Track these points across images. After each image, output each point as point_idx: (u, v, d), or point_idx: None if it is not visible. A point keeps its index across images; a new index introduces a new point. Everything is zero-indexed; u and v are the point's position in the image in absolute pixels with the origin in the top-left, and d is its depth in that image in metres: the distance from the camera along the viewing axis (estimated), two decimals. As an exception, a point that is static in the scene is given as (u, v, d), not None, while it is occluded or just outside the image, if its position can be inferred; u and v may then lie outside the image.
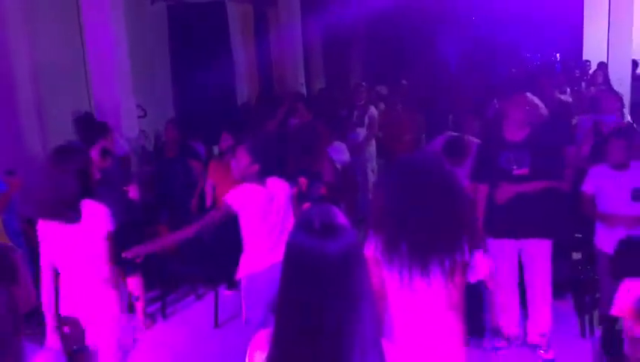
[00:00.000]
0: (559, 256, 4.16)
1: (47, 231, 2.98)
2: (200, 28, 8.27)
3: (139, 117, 6.31)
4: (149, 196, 5.59)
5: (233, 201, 3.54)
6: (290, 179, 3.99)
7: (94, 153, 4.56)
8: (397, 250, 2.38)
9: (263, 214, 3.57)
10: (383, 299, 2.49)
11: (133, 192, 4.63)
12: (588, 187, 4.17)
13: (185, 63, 8.12)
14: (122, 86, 5.98)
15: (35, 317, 3.35)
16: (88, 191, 2.98)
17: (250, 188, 3.59)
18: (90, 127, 4.77)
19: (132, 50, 6.21)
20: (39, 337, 3.05)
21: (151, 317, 4.90)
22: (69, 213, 2.90)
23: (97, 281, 3.03)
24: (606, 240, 4.08)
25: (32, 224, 4.08)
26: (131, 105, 6.12)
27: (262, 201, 3.58)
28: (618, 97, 5.51)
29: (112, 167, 4.60)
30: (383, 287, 2.48)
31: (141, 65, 6.64)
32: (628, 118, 5.98)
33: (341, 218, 1.50)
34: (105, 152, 4.40)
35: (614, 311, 3.32)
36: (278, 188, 3.67)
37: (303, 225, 1.48)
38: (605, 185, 4.09)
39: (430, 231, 2.37)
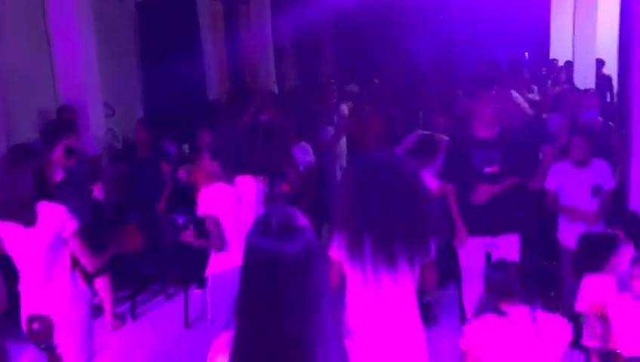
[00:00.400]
0: (525, 253, 4.23)
1: (5, 231, 2.93)
2: (169, 25, 8.17)
3: (107, 115, 6.21)
4: (117, 196, 5.52)
5: (204, 209, 3.53)
6: (258, 174, 4.00)
7: (58, 152, 4.47)
8: (361, 248, 2.40)
9: (232, 213, 3.56)
10: (344, 297, 2.52)
11: (97, 191, 4.57)
12: (550, 184, 4.28)
13: (154, 61, 8.01)
14: (89, 84, 5.89)
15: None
16: (46, 193, 2.92)
17: (217, 188, 3.58)
18: (54, 125, 4.68)
19: (100, 47, 6.11)
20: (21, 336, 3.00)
21: (120, 318, 4.85)
22: (24, 214, 2.84)
23: (60, 282, 2.99)
24: (568, 235, 4.17)
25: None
26: (99, 104, 6.02)
27: (229, 201, 3.56)
28: (593, 94, 5.64)
29: (77, 166, 4.53)
30: (344, 286, 2.50)
31: (109, 62, 6.53)
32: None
33: (299, 218, 1.50)
34: (69, 151, 4.31)
35: (578, 306, 3.40)
36: (248, 186, 3.65)
37: (260, 226, 1.48)
38: (567, 182, 4.20)
39: (396, 228, 2.39)
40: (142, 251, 5.13)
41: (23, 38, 5.86)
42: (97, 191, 4.61)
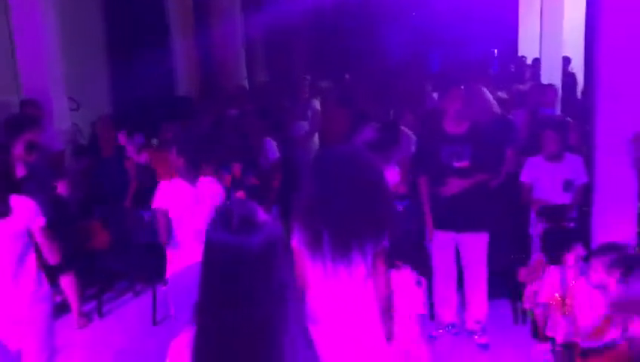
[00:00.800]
0: (494, 246, 4.29)
1: None
2: (137, 18, 8.05)
3: (71, 109, 6.08)
4: (81, 192, 5.41)
5: (158, 202, 3.54)
6: (224, 165, 3.96)
7: (19, 147, 4.36)
8: (320, 241, 2.43)
9: (187, 212, 3.53)
10: (306, 288, 2.54)
11: (61, 187, 4.47)
12: (525, 177, 4.33)
13: (122, 55, 7.88)
14: (53, 78, 5.75)
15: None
16: (12, 187, 2.89)
17: (175, 185, 3.56)
18: (16, 119, 4.56)
19: (65, 40, 5.97)
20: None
21: (87, 316, 4.75)
22: None
23: (27, 280, 2.93)
24: (540, 229, 4.21)
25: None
26: (63, 98, 5.88)
27: (187, 199, 3.53)
28: (553, 90, 5.74)
29: (40, 162, 4.42)
30: (305, 277, 2.53)
31: (74, 56, 6.39)
32: (557, 112, 6.23)
33: (260, 213, 1.49)
34: (31, 146, 4.21)
35: (541, 298, 3.47)
36: (209, 187, 3.62)
37: (221, 221, 1.46)
38: (540, 176, 4.25)
39: (351, 221, 2.43)
40: (108, 248, 5.05)
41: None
42: (61, 187, 4.51)
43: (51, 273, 4.17)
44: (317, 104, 7.20)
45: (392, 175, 5.07)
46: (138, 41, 7.92)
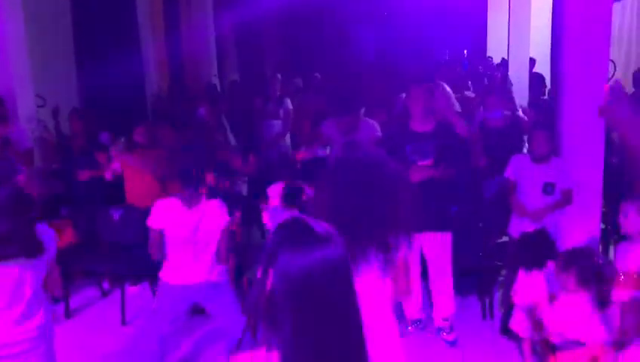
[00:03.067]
0: (462, 242, 4.34)
1: None
2: (106, 15, 7.92)
3: (38, 106, 5.96)
4: (50, 189, 5.30)
5: (152, 222, 3.48)
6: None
7: None
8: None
9: (181, 235, 3.46)
10: None
11: (29, 187, 4.38)
12: (509, 173, 4.30)
13: (90, 51, 7.75)
14: (19, 74, 5.62)
15: None
16: None
17: (170, 205, 3.49)
18: None
19: (31, 36, 5.84)
20: None
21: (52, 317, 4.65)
22: None
23: None
24: (516, 228, 4.26)
25: None
26: (29, 94, 5.76)
27: (182, 224, 3.46)
28: (505, 94, 5.81)
29: (6, 157, 4.34)
30: None
31: (41, 52, 6.26)
32: (519, 113, 6.33)
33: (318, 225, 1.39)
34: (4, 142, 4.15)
35: (516, 299, 3.52)
36: (211, 214, 3.48)
37: (292, 243, 1.32)
38: (522, 175, 4.23)
39: (368, 224, 2.43)
40: (76, 247, 4.96)
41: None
42: (29, 187, 4.43)
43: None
44: (289, 103, 7.19)
45: None
46: (107, 38, 7.80)
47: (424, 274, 4.26)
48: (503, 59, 9.45)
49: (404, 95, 7.04)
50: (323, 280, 1.29)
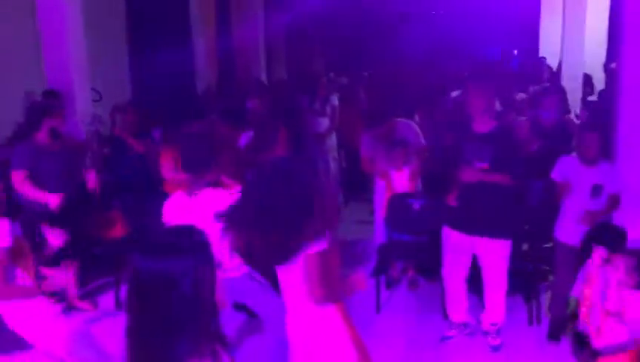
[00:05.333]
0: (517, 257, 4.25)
1: None
2: (159, 12, 8.12)
3: (94, 100, 6.14)
4: (103, 181, 5.47)
5: (164, 215, 3.48)
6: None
7: (42, 134, 4.44)
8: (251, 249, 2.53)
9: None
10: None
11: (91, 180, 4.56)
12: (556, 175, 4.17)
13: (143, 48, 7.96)
14: (77, 69, 5.80)
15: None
16: None
17: (177, 199, 3.48)
18: (37, 107, 4.63)
19: (88, 32, 6.03)
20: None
21: (93, 303, 4.82)
22: None
23: None
24: (563, 230, 4.13)
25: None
26: (86, 89, 5.95)
27: (188, 212, 3.39)
28: (558, 94, 5.64)
29: (63, 150, 4.50)
30: None
31: (97, 48, 6.45)
32: (575, 114, 6.16)
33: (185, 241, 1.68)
34: (54, 133, 4.28)
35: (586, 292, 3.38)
36: (212, 200, 3.36)
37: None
38: (570, 177, 4.10)
39: (278, 227, 2.43)
40: (126, 238, 5.10)
41: (9, 20, 5.79)
42: (91, 180, 4.61)
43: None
44: (335, 100, 7.21)
45: (401, 177, 5.10)
46: (159, 34, 7.99)
47: (473, 278, 4.20)
48: (542, 57, 9.23)
49: (453, 94, 7.00)
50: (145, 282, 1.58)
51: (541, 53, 10.65)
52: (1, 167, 4.92)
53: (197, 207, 3.35)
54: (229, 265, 3.44)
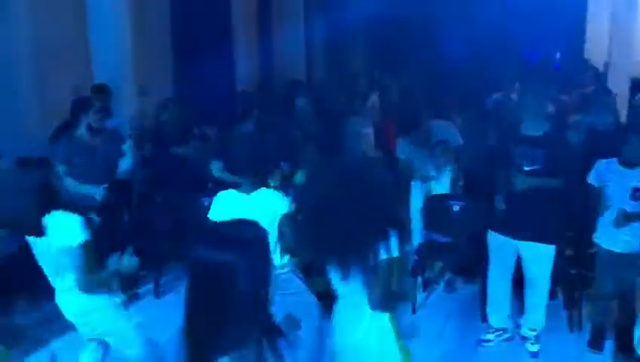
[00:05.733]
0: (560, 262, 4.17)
1: None
2: (202, 11, 8.25)
3: (139, 96, 6.27)
4: (144, 177, 5.59)
5: (211, 211, 3.46)
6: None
7: (81, 130, 4.55)
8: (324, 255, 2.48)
9: None
10: None
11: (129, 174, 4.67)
12: (594, 180, 4.08)
13: (186, 43, 8.11)
14: (123, 65, 5.95)
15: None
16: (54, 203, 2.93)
17: (229, 197, 3.44)
18: (80, 101, 4.75)
19: (134, 28, 6.17)
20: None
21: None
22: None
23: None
24: (606, 237, 4.02)
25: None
26: (131, 84, 6.08)
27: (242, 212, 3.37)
28: (611, 97, 5.50)
29: (104, 144, 4.60)
30: None
31: (142, 44, 6.59)
32: (622, 117, 6.00)
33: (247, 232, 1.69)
34: (92, 128, 4.39)
35: None
36: (266, 200, 3.35)
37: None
38: (610, 179, 4.01)
39: (348, 231, 2.37)
40: (167, 232, 5.20)
41: (58, 17, 5.96)
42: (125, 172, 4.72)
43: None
44: (375, 99, 7.20)
45: (441, 179, 5.06)
46: (202, 32, 8.12)
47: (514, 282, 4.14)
48: (606, 62, 8.98)
49: (495, 95, 6.91)
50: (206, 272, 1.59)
51: (586, 56, 10.41)
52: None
53: (250, 206, 3.34)
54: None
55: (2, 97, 5.30)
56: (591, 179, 4.06)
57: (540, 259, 3.94)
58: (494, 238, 4.05)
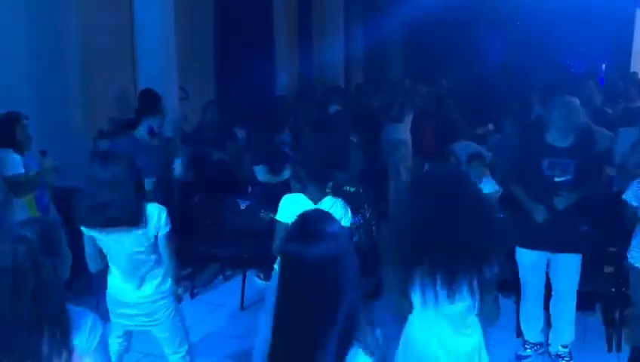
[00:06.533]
0: (591, 268, 4.09)
1: None
2: (245, 16, 8.38)
3: (181, 98, 6.39)
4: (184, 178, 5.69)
5: (280, 216, 3.47)
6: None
7: (141, 131, 4.69)
8: (421, 269, 2.38)
9: None
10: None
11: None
12: (629, 196, 3.95)
13: (228, 49, 8.25)
14: (167, 68, 6.07)
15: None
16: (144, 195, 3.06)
17: (296, 200, 3.45)
18: (139, 106, 4.91)
19: (178, 33, 6.30)
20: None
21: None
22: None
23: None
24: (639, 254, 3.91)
25: (65, 194, 4.25)
26: (174, 87, 6.21)
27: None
28: None
29: (158, 147, 4.72)
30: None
31: (186, 48, 6.72)
32: None
33: (335, 225, 1.64)
34: (152, 131, 4.53)
35: None
36: (335, 210, 3.32)
37: (293, 228, 1.63)
38: None
39: (459, 248, 2.32)
40: (204, 232, 5.28)
41: (106, 20, 6.14)
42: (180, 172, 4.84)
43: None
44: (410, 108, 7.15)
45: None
46: (244, 37, 8.24)
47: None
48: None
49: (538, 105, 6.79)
50: (291, 270, 1.56)
51: (632, 69, 10.17)
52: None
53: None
54: None
55: (51, 98, 5.48)
56: (628, 196, 3.97)
57: (570, 270, 3.88)
58: (526, 253, 3.98)
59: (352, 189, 4.35)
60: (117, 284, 3.12)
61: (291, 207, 3.44)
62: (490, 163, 5.42)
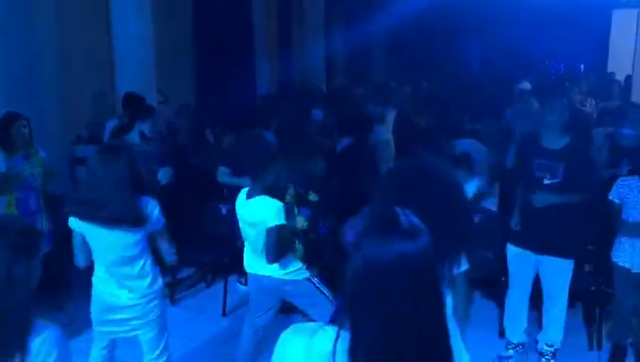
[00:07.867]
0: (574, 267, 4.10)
1: None
2: (224, 19, 8.34)
3: (160, 102, 6.33)
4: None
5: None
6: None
7: (133, 136, 4.65)
8: None
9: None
10: None
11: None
12: (614, 195, 4.00)
13: (208, 53, 8.20)
14: (145, 71, 6.02)
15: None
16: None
17: (240, 199, 3.55)
18: (132, 111, 4.88)
19: (156, 38, 6.24)
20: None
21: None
22: None
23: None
24: (624, 253, 3.94)
25: (56, 201, 4.19)
26: (152, 91, 6.15)
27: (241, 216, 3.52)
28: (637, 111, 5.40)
29: (150, 150, 4.68)
30: None
31: (165, 52, 6.67)
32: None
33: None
34: (143, 135, 4.50)
35: None
36: (259, 210, 3.39)
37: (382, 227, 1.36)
38: (631, 196, 3.92)
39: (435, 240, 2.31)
40: (184, 239, 5.21)
41: (83, 21, 6.06)
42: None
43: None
44: (393, 110, 7.15)
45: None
46: (223, 41, 8.20)
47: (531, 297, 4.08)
48: (628, 75, 8.85)
49: (514, 107, 6.83)
50: (395, 273, 1.30)
51: (609, 69, 10.31)
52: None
53: (247, 210, 3.44)
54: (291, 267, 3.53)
55: (27, 100, 5.39)
56: (612, 195, 4.00)
57: (558, 273, 3.89)
58: (514, 252, 4.00)
59: (316, 198, 4.32)
60: (105, 288, 3.07)
61: (237, 202, 3.54)
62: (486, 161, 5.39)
